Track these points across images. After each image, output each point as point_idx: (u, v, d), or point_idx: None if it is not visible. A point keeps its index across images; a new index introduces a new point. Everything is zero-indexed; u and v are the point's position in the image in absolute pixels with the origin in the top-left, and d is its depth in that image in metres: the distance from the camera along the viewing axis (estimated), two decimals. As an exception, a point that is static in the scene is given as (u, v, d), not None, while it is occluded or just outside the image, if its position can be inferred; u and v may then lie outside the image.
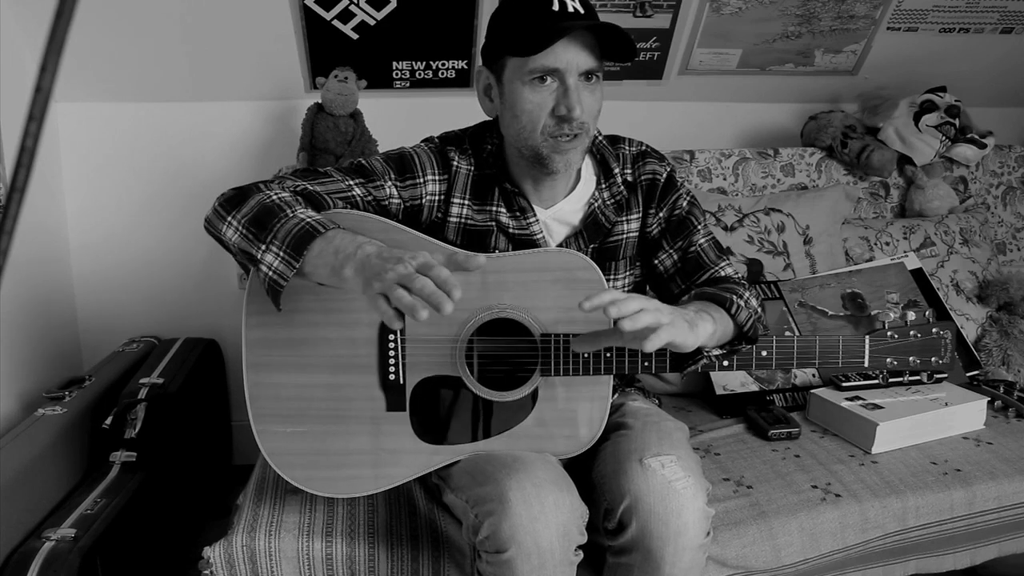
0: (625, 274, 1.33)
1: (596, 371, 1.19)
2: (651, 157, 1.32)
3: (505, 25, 1.16)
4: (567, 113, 1.12)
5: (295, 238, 1.01)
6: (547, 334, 1.19)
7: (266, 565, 1.21)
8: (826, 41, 2.19)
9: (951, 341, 1.31)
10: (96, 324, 2.15)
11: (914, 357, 1.30)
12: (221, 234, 1.10)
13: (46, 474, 1.49)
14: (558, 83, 1.13)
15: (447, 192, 1.26)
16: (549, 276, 1.19)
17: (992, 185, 2.34)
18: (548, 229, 1.27)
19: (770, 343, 1.23)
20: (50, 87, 0.40)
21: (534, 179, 1.25)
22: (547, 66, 1.11)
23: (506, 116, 1.19)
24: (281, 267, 1.01)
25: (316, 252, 1.00)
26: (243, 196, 1.11)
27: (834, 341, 1.25)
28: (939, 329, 1.31)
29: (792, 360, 1.25)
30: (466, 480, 1.16)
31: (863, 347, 1.27)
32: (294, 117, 2.07)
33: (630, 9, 2.01)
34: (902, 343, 1.29)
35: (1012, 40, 2.28)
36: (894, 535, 1.39)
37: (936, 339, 1.31)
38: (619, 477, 1.12)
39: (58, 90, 1.92)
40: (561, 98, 1.13)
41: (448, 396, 1.21)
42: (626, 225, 1.30)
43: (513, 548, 1.02)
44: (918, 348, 1.30)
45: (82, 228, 2.11)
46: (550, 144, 1.16)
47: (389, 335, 1.20)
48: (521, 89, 1.14)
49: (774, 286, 1.91)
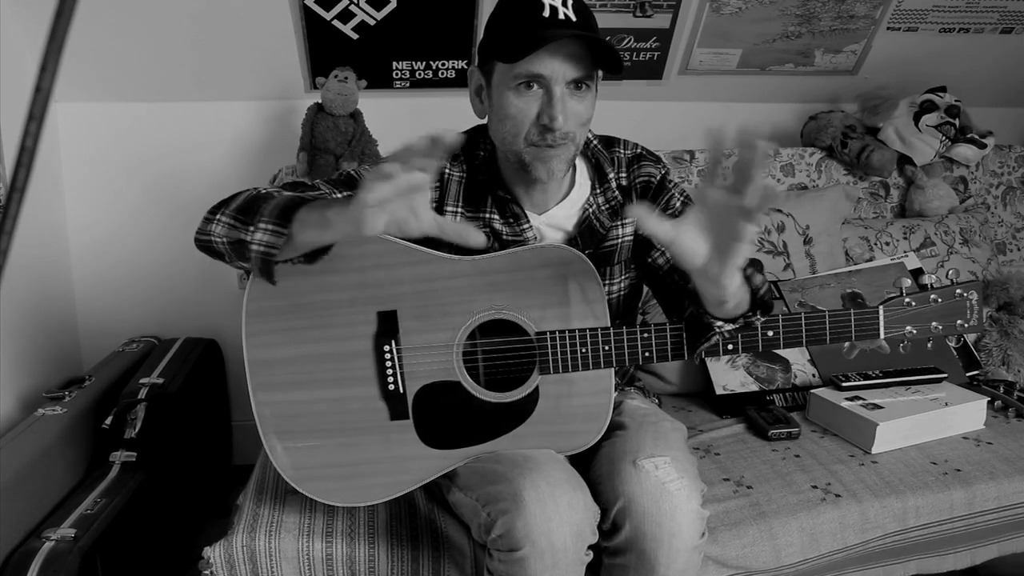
0: (621, 278, 1.33)
1: (596, 365, 1.19)
2: (646, 160, 1.30)
3: (496, 28, 1.16)
4: (549, 123, 1.11)
5: (280, 208, 1.00)
6: (542, 332, 1.19)
7: (266, 565, 1.21)
8: (826, 41, 2.19)
9: (977, 301, 1.21)
10: (96, 324, 2.15)
11: (936, 323, 1.21)
12: (210, 234, 1.08)
13: (46, 474, 1.49)
14: (544, 91, 1.12)
15: (439, 200, 1.26)
16: (539, 273, 1.18)
17: (992, 185, 2.34)
18: (542, 235, 1.27)
19: (776, 322, 1.18)
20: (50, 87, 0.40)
21: (525, 184, 1.24)
22: (532, 72, 1.10)
23: (493, 120, 1.19)
24: (270, 239, 1.00)
25: (302, 217, 0.98)
26: (229, 198, 1.11)
27: (845, 315, 1.18)
28: (963, 290, 1.21)
29: (801, 338, 1.18)
30: (476, 479, 1.16)
31: (877, 318, 1.19)
32: (294, 117, 2.07)
33: (630, 9, 2.01)
34: (922, 310, 1.20)
35: (1012, 40, 2.28)
36: (894, 535, 1.39)
37: (960, 302, 1.21)
38: (613, 478, 1.13)
39: (58, 90, 1.92)
40: (545, 106, 1.11)
41: (450, 401, 1.20)
42: (621, 230, 1.30)
43: (527, 547, 1.02)
44: (940, 313, 1.20)
45: (82, 228, 2.11)
46: (532, 151, 1.15)
47: (384, 346, 1.19)
48: (507, 94, 1.13)
49: (774, 286, 1.91)
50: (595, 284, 1.19)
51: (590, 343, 1.18)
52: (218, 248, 1.10)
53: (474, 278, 1.19)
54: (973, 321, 1.22)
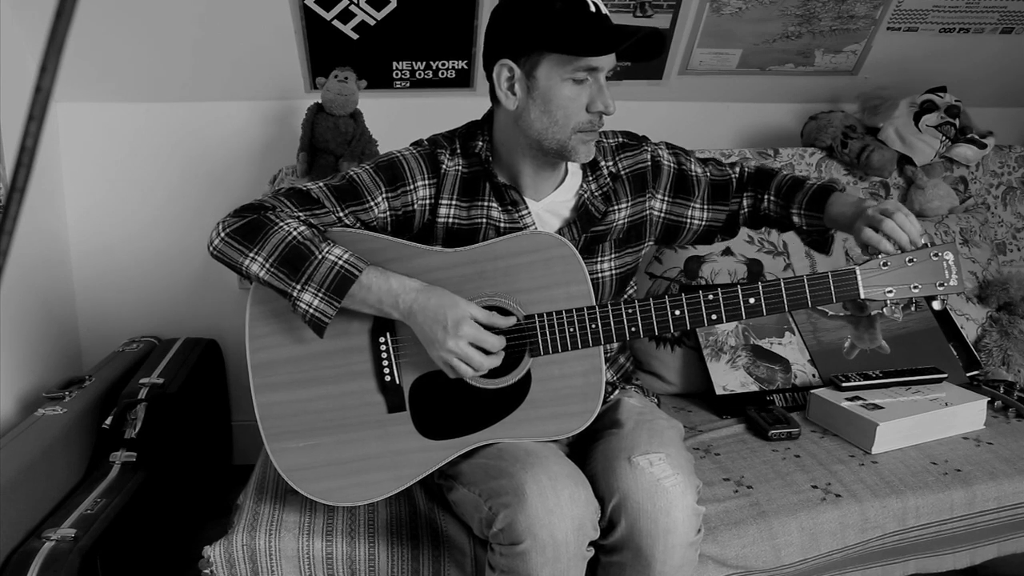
0: (611, 255, 1.35)
1: (584, 343, 1.20)
2: (628, 149, 1.37)
3: (545, 22, 1.15)
4: (604, 109, 1.18)
5: (333, 282, 1.13)
6: (530, 315, 1.20)
7: (266, 564, 1.21)
8: (826, 41, 2.19)
9: (954, 262, 1.23)
10: (96, 324, 2.15)
11: (915, 284, 1.23)
12: (242, 268, 1.16)
13: (46, 474, 1.49)
14: (592, 80, 1.18)
15: (436, 195, 1.28)
16: (525, 259, 1.21)
17: (992, 185, 2.34)
18: (541, 221, 1.30)
19: (756, 289, 1.21)
20: (50, 87, 0.40)
21: (536, 171, 1.27)
22: (591, 65, 1.16)
23: (534, 110, 1.20)
24: (323, 307, 1.14)
25: (356, 295, 1.15)
26: (255, 228, 1.16)
27: (823, 277, 1.22)
28: (936, 252, 1.22)
29: (782, 303, 1.21)
30: (479, 475, 1.17)
31: (855, 279, 1.22)
32: (294, 117, 2.07)
33: (630, 9, 2.01)
34: (898, 271, 1.22)
35: (1012, 40, 2.28)
36: (894, 535, 1.39)
37: (936, 263, 1.22)
38: (608, 475, 1.14)
39: (58, 90, 1.92)
40: (597, 95, 1.18)
41: (445, 391, 1.22)
42: (617, 214, 1.34)
43: (529, 540, 1.03)
44: (917, 274, 1.23)
45: (82, 228, 2.11)
46: (578, 137, 1.20)
47: (380, 339, 1.22)
48: (560, 85, 1.17)
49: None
50: (578, 265, 1.21)
51: (577, 322, 1.19)
52: (240, 273, 1.19)
53: (463, 268, 1.21)
54: (952, 282, 1.23)
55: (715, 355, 1.79)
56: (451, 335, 1.12)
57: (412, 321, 1.15)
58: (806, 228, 1.37)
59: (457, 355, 1.13)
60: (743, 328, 1.82)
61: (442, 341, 1.13)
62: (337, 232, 1.22)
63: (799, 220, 1.37)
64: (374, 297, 1.15)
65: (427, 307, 1.14)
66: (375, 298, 1.15)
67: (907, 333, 1.87)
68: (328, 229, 1.22)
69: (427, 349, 1.16)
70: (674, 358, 1.85)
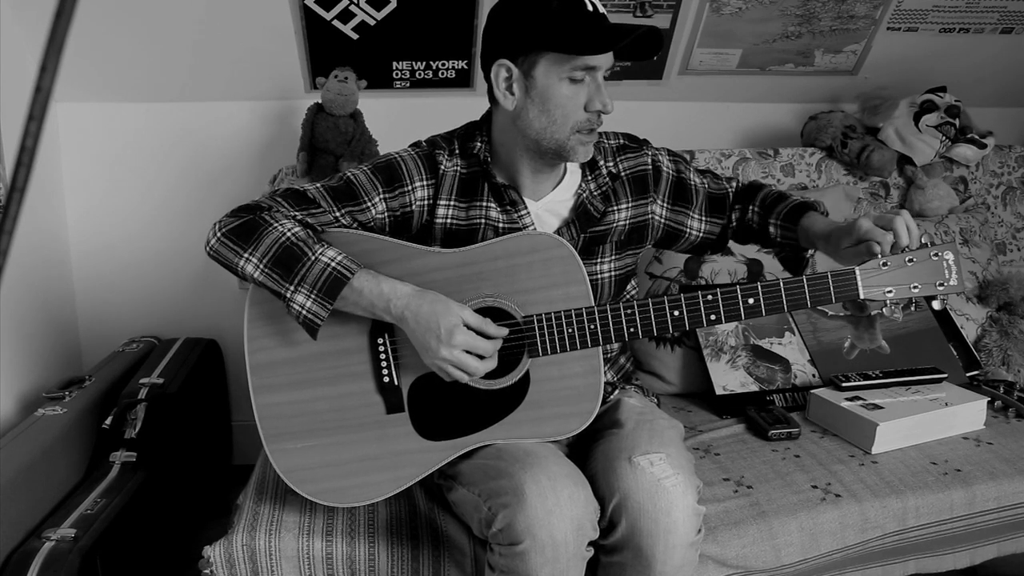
0: (611, 256, 1.35)
1: (583, 344, 1.20)
2: (629, 151, 1.36)
3: (542, 21, 1.15)
4: (603, 108, 1.18)
5: (325, 284, 1.13)
6: (529, 316, 1.20)
7: (266, 564, 1.21)
8: (826, 41, 2.19)
9: (954, 261, 1.22)
10: (96, 324, 2.15)
11: (915, 284, 1.21)
12: (237, 268, 1.16)
13: (46, 474, 1.49)
14: (590, 79, 1.18)
15: (434, 196, 1.28)
16: (523, 260, 1.21)
17: (992, 185, 2.34)
18: (539, 221, 1.29)
19: (755, 289, 1.20)
20: (50, 87, 0.40)
21: (534, 171, 1.27)
22: (589, 64, 1.15)
23: (532, 110, 1.20)
24: (315, 308, 1.14)
25: (347, 298, 1.14)
26: (250, 229, 1.16)
27: (822, 277, 1.20)
28: (936, 252, 1.21)
29: (781, 303, 1.20)
30: (478, 475, 1.17)
31: (854, 279, 1.20)
32: (294, 117, 2.07)
33: (630, 9, 2.01)
34: (898, 271, 1.21)
35: (1012, 40, 2.28)
36: (894, 535, 1.39)
37: (936, 262, 1.21)
38: (608, 475, 1.14)
39: (58, 90, 1.92)
40: (595, 94, 1.18)
41: (444, 392, 1.21)
42: (616, 214, 1.33)
43: (528, 540, 1.03)
44: (917, 274, 1.21)
45: (82, 228, 2.11)
46: (577, 137, 1.20)
47: (378, 340, 1.22)
48: (558, 85, 1.17)
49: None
50: (576, 266, 1.21)
51: (575, 322, 1.19)
52: (237, 274, 1.18)
53: (461, 269, 1.21)
54: (952, 281, 1.22)
55: (715, 355, 1.79)
56: (444, 344, 1.12)
57: (405, 326, 1.15)
58: (780, 240, 1.35)
59: (451, 363, 1.14)
60: (743, 328, 1.82)
61: (435, 350, 1.13)
62: (336, 233, 1.22)
63: (774, 231, 1.35)
64: (366, 301, 1.15)
65: (419, 314, 1.13)
66: (367, 302, 1.15)
67: (907, 333, 1.87)
68: (325, 230, 1.22)
69: (421, 356, 1.16)
70: (674, 358, 1.85)
